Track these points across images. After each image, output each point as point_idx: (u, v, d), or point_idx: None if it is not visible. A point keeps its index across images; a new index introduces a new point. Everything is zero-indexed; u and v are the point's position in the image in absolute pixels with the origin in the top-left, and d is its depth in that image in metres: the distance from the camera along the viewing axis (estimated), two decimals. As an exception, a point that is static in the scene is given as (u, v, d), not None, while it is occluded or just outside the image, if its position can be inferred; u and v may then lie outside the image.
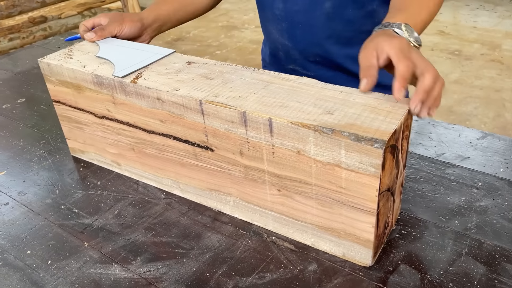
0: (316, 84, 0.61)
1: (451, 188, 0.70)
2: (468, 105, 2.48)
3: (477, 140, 0.81)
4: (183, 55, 0.74)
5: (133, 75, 0.68)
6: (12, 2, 3.35)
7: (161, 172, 0.74)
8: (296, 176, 0.58)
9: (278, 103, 0.58)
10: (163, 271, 0.61)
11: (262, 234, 0.66)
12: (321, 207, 0.58)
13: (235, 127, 0.59)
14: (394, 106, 0.55)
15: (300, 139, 0.54)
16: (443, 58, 3.05)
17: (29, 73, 1.24)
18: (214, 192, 0.69)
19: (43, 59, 0.77)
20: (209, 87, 0.63)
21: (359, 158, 0.51)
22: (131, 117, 0.71)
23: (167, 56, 0.74)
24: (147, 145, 0.72)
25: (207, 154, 0.65)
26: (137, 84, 0.66)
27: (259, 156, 0.60)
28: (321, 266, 0.60)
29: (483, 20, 3.62)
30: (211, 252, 0.63)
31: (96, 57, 0.75)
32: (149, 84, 0.66)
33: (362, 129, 0.51)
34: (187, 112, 0.63)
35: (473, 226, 0.63)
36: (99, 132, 0.78)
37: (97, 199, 0.75)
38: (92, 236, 0.68)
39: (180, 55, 0.74)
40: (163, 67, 0.70)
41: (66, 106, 0.80)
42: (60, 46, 1.40)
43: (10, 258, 0.65)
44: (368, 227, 0.55)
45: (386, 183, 0.54)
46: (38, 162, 0.86)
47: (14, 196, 0.78)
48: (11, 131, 0.97)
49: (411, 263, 0.59)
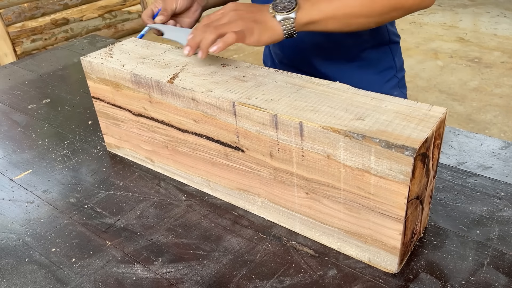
0: (348, 90, 0.62)
1: (473, 197, 0.70)
2: (488, 113, 2.45)
3: (500, 150, 0.80)
4: (218, 57, 0.76)
5: (170, 75, 0.70)
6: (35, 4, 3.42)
7: (192, 170, 0.76)
8: (325, 180, 0.58)
9: (309, 107, 0.59)
10: (184, 272, 0.62)
11: (282, 239, 0.66)
12: (349, 212, 0.59)
13: (266, 129, 0.60)
14: (426, 114, 0.55)
15: (330, 144, 0.55)
16: (463, 65, 3.02)
17: (54, 74, 1.27)
18: (243, 192, 0.70)
19: (85, 57, 0.80)
20: (242, 89, 0.64)
21: (389, 165, 0.51)
22: (166, 116, 0.73)
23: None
24: (180, 144, 0.74)
25: (237, 154, 0.67)
26: (173, 84, 0.68)
27: (289, 159, 0.60)
28: (341, 272, 0.60)
29: (504, 27, 3.57)
30: (231, 254, 0.64)
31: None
32: (184, 84, 0.67)
33: (393, 136, 0.51)
34: (220, 113, 0.64)
35: (495, 237, 0.63)
36: (134, 129, 0.81)
37: (119, 200, 0.77)
38: (115, 235, 0.69)
39: (215, 57, 0.76)
40: (198, 68, 0.72)
41: (104, 103, 0.83)
42: (84, 48, 1.43)
43: (36, 255, 0.67)
44: (395, 234, 0.55)
45: (415, 191, 0.54)
46: (63, 161, 0.88)
47: (39, 195, 0.80)
48: (37, 131, 0.99)
49: (432, 271, 0.59)
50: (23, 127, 1.01)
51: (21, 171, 0.86)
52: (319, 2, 0.68)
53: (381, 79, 0.96)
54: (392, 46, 0.96)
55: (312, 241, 0.65)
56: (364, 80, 0.94)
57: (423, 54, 3.22)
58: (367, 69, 0.95)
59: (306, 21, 0.68)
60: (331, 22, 0.69)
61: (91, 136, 0.95)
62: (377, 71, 0.96)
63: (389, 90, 0.97)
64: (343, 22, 0.69)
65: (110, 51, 0.82)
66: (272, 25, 0.67)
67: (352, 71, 0.94)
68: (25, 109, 1.09)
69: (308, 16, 0.67)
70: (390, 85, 0.97)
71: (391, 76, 0.97)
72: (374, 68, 0.95)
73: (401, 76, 1.00)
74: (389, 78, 0.97)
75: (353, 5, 0.68)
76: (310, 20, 0.68)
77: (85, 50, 1.42)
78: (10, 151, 0.93)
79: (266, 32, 0.67)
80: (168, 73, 0.71)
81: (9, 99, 1.15)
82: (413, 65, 3.08)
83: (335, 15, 0.68)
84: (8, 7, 3.29)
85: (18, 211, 0.76)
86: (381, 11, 0.69)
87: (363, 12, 0.68)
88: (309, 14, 0.67)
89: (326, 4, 0.68)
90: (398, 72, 0.99)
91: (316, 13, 0.68)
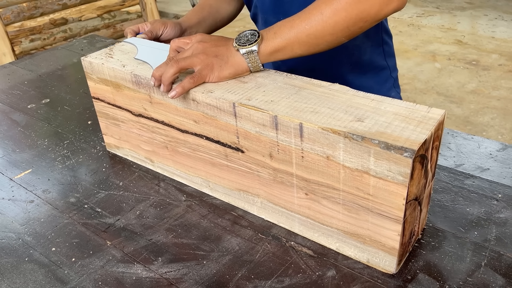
0: (348, 91, 0.62)
1: (470, 199, 0.71)
2: (485, 115, 2.46)
3: (497, 152, 0.81)
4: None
5: None
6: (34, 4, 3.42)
7: (192, 171, 0.76)
8: (324, 181, 0.59)
9: (309, 108, 0.59)
10: (184, 272, 0.62)
11: (281, 239, 0.67)
12: (348, 212, 0.59)
13: (266, 130, 0.61)
14: (425, 116, 0.56)
15: (330, 145, 0.55)
16: (460, 67, 3.03)
17: (53, 74, 1.27)
18: (242, 193, 0.71)
19: (86, 58, 0.80)
20: (242, 90, 0.65)
21: (388, 166, 0.52)
22: (167, 116, 0.73)
23: None
24: (180, 144, 0.75)
25: (237, 155, 0.67)
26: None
27: (288, 160, 0.61)
28: (340, 272, 0.61)
29: (502, 30, 3.59)
30: (231, 255, 0.64)
31: (135, 59, 0.78)
32: None
33: (392, 137, 0.52)
34: (220, 113, 0.65)
35: (492, 238, 0.64)
36: (135, 130, 0.81)
37: (119, 200, 0.77)
38: (115, 235, 0.69)
39: None
40: None
41: (104, 103, 0.83)
42: (83, 48, 1.43)
43: (36, 255, 0.67)
44: (394, 235, 0.56)
45: (413, 192, 0.54)
46: (62, 161, 0.88)
47: (39, 194, 0.80)
48: (36, 130, 1.00)
49: (430, 272, 0.59)
50: (23, 126, 1.02)
51: (20, 170, 0.86)
52: (281, 29, 0.67)
53: (378, 81, 0.97)
54: (385, 46, 0.96)
55: (311, 241, 0.66)
56: (364, 84, 0.94)
57: (421, 56, 3.24)
58: (365, 72, 0.95)
59: (270, 50, 0.67)
60: (297, 47, 0.68)
61: (90, 136, 0.95)
62: (373, 73, 0.96)
63: (387, 92, 0.98)
64: (310, 44, 0.68)
65: (110, 51, 0.82)
66: (236, 59, 0.68)
67: (350, 75, 0.95)
68: (24, 108, 1.09)
69: (272, 45, 0.67)
70: (387, 86, 0.98)
71: (387, 76, 0.98)
72: (371, 71, 0.96)
73: (395, 75, 1.01)
74: (386, 79, 0.98)
75: (315, 26, 0.66)
76: (275, 49, 0.67)
77: (84, 50, 1.42)
78: (9, 151, 0.93)
79: (227, 67, 0.68)
80: None
81: (8, 98, 1.15)
82: (411, 67, 3.09)
83: (299, 38, 0.67)
84: (7, 7, 3.29)
85: (18, 210, 0.76)
86: (346, 25, 0.66)
87: (328, 30, 0.66)
88: (273, 43, 0.67)
89: (288, 30, 0.67)
90: (393, 72, 0.99)
91: (279, 41, 0.67)
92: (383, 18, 0.68)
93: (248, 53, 0.67)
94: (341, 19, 0.65)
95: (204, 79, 0.67)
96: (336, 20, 0.65)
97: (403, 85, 2.84)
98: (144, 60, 0.77)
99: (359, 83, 0.94)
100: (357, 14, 0.65)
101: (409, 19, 4.00)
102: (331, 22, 0.65)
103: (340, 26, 0.66)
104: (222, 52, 0.68)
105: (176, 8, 4.74)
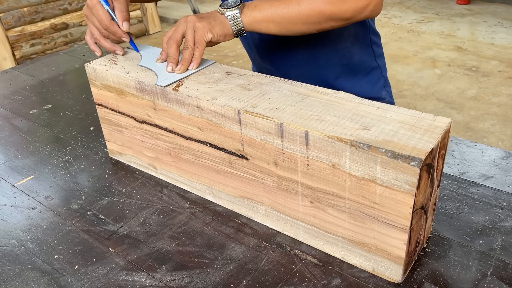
0: (353, 99, 0.62)
1: (475, 207, 0.70)
2: (485, 122, 2.47)
3: (501, 160, 0.80)
4: (223, 65, 0.76)
5: (175, 83, 0.71)
6: (35, 9, 3.43)
7: (195, 178, 0.76)
8: (330, 189, 0.58)
9: (315, 116, 0.59)
10: (188, 280, 0.62)
11: (286, 247, 0.66)
12: (353, 221, 0.59)
13: (271, 138, 0.61)
14: (431, 125, 0.56)
15: (335, 153, 0.55)
16: (460, 74, 3.04)
17: (55, 80, 1.27)
18: (247, 200, 0.70)
19: (89, 64, 0.80)
20: (247, 98, 0.65)
21: (395, 175, 0.52)
22: (171, 123, 0.73)
23: (207, 66, 0.76)
24: (184, 151, 0.74)
25: (242, 162, 0.67)
26: (178, 92, 0.68)
27: (294, 168, 0.61)
28: (345, 281, 0.60)
29: (501, 37, 3.60)
30: (235, 263, 0.64)
31: (138, 66, 0.78)
32: (189, 92, 0.68)
33: (399, 146, 0.52)
34: (225, 121, 0.65)
35: (498, 247, 0.63)
36: (138, 136, 0.81)
37: (122, 206, 0.77)
38: (118, 243, 0.69)
39: (219, 65, 0.76)
40: (203, 76, 0.72)
41: (108, 110, 0.83)
42: (85, 54, 1.43)
43: (38, 262, 0.67)
44: (400, 243, 0.56)
45: (420, 201, 0.54)
46: (65, 168, 0.88)
47: (41, 201, 0.79)
48: (38, 136, 0.99)
49: (435, 281, 0.59)
50: (25, 132, 1.01)
51: (23, 177, 0.86)
52: (261, 4, 0.74)
53: (370, 81, 0.97)
54: (374, 46, 0.97)
55: (316, 249, 0.65)
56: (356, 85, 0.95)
57: (421, 63, 3.24)
58: (356, 73, 0.96)
59: (249, 20, 0.74)
60: (272, 25, 0.74)
61: (93, 142, 0.95)
62: (364, 74, 0.97)
63: (379, 91, 0.98)
64: (283, 27, 0.75)
65: (114, 58, 0.82)
66: (222, 19, 0.74)
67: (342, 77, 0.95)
68: (26, 114, 1.09)
69: (251, 15, 0.74)
70: (379, 86, 0.98)
71: (378, 75, 0.98)
72: (362, 72, 0.97)
73: (386, 74, 1.01)
74: (378, 78, 0.98)
75: (291, 12, 0.73)
76: (254, 19, 0.74)
77: (86, 55, 1.42)
78: (11, 157, 0.93)
79: (216, 24, 0.74)
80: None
81: (10, 104, 1.15)
82: (411, 73, 3.10)
83: (274, 18, 0.74)
84: (8, 11, 3.29)
85: (20, 217, 0.76)
86: (318, 21, 0.73)
87: (301, 20, 0.73)
88: (252, 14, 0.74)
89: (267, 7, 0.74)
90: (384, 71, 1.00)
91: (257, 13, 0.74)
92: (356, 21, 0.75)
93: (232, 16, 0.73)
94: (314, 14, 0.72)
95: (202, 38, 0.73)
96: (310, 14, 0.73)
97: (403, 91, 2.85)
98: (148, 67, 0.76)
99: (351, 84, 0.95)
100: (330, 15, 0.72)
101: (409, 25, 4.01)
102: (305, 14, 0.73)
103: (313, 20, 0.73)
104: (207, 15, 0.75)
105: (176, 13, 4.75)
